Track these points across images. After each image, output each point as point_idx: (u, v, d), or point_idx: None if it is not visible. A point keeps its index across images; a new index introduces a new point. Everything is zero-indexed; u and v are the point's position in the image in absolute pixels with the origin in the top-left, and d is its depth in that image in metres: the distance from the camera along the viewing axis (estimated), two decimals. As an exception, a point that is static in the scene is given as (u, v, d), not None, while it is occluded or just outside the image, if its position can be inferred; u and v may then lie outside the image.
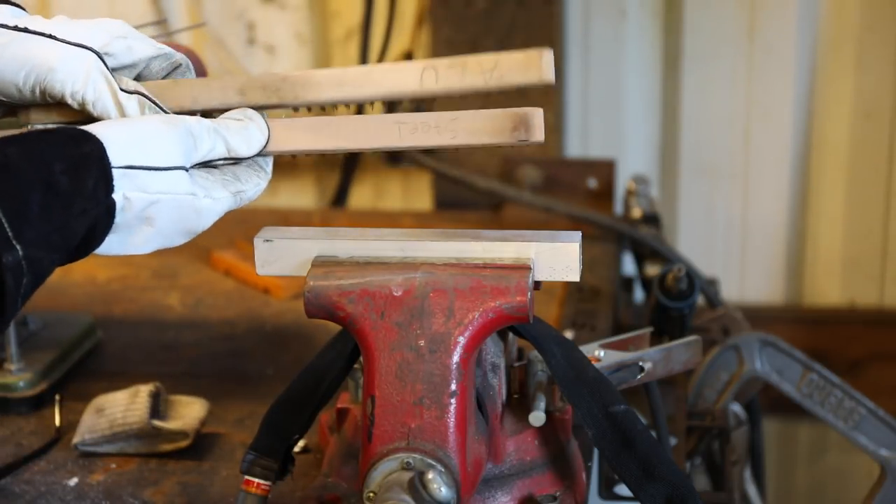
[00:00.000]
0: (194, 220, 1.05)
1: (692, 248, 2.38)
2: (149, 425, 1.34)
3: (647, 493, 1.10)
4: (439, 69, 1.08)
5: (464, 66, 1.08)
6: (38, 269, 0.94)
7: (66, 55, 1.06)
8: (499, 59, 1.07)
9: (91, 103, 1.05)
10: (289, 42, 2.47)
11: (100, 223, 0.99)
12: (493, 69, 1.07)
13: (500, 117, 1.06)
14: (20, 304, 0.93)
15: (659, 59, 2.40)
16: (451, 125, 1.06)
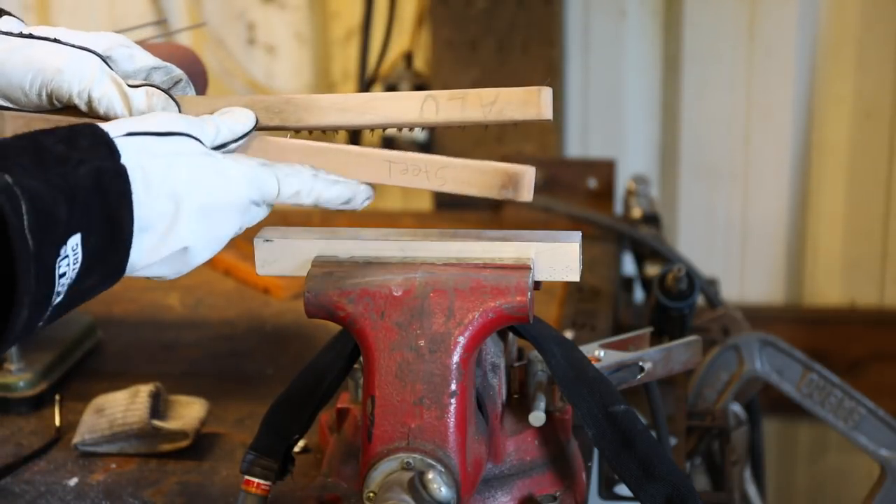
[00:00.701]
0: (222, 189, 1.01)
1: (692, 248, 2.38)
2: (149, 425, 1.34)
3: (647, 493, 1.10)
4: (440, 101, 1.10)
5: (464, 99, 1.10)
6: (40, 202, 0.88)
7: (72, 56, 1.06)
8: (499, 93, 1.10)
9: (97, 100, 1.06)
10: (289, 42, 2.47)
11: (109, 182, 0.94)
12: (492, 103, 1.09)
13: (490, 173, 1.06)
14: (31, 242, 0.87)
15: (659, 59, 2.40)
16: (440, 172, 1.07)
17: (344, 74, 2.48)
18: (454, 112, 1.10)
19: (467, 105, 1.09)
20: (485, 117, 1.09)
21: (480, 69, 2.26)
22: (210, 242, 1.03)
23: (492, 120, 1.09)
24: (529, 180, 1.05)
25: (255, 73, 2.48)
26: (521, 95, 1.08)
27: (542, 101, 1.08)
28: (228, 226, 1.03)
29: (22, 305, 0.88)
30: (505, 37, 2.24)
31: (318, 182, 1.06)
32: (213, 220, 1.01)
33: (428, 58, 2.32)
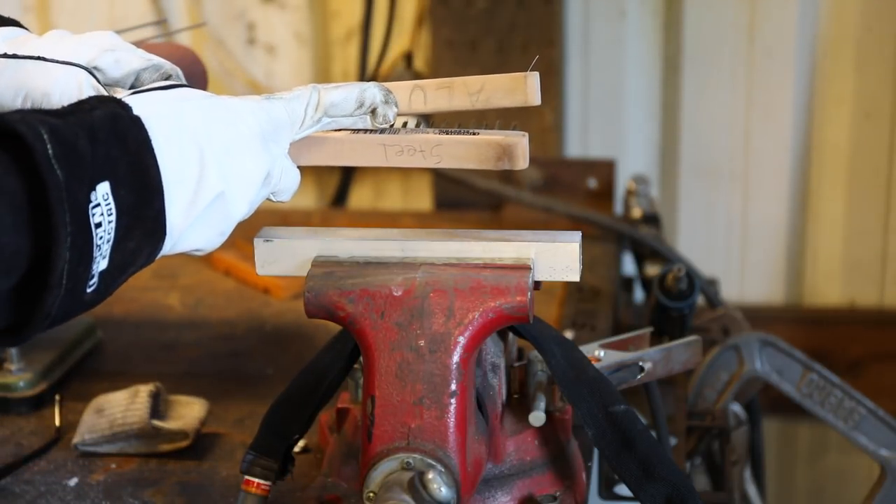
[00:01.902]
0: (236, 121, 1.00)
1: (692, 248, 2.37)
2: (149, 425, 1.34)
3: (647, 493, 1.10)
4: (427, 91, 1.12)
5: (450, 88, 1.12)
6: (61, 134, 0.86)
7: (58, 76, 1.07)
8: (485, 81, 1.10)
9: None
10: (289, 42, 2.47)
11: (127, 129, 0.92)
12: (479, 91, 1.10)
13: (484, 146, 1.06)
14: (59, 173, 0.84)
15: (659, 60, 2.40)
16: (435, 150, 1.07)
17: (344, 74, 2.48)
18: (441, 101, 1.11)
19: (454, 94, 1.11)
20: (472, 105, 1.10)
21: (480, 69, 2.25)
22: (244, 185, 1.01)
23: (480, 107, 1.10)
24: (523, 149, 1.07)
25: (255, 73, 2.48)
26: (508, 82, 1.10)
27: (529, 86, 1.09)
28: (255, 163, 1.01)
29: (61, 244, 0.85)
30: (505, 37, 2.24)
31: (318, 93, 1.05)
32: (239, 157, 1.00)
33: (428, 58, 2.32)
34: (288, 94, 1.05)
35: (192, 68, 1.46)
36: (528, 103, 1.09)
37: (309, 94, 1.05)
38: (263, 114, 1.02)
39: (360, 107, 1.07)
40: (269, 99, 1.04)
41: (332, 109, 1.06)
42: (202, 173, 0.97)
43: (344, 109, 1.06)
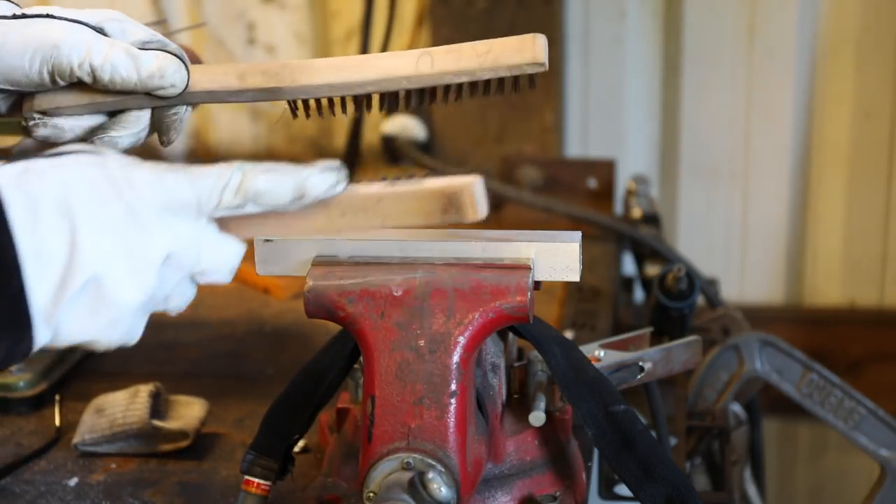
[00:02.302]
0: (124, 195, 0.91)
1: (692, 248, 2.37)
2: (149, 425, 1.34)
3: (647, 493, 1.10)
4: (435, 56, 1.09)
5: (459, 52, 1.09)
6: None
7: (67, 29, 1.05)
8: (493, 43, 1.08)
9: (100, 67, 1.05)
10: (289, 42, 2.47)
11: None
12: (487, 52, 1.07)
13: (428, 198, 0.99)
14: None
15: (659, 60, 2.40)
16: (378, 207, 1.01)
17: (344, 74, 2.48)
18: (449, 64, 1.08)
19: (462, 56, 1.08)
20: (480, 65, 1.07)
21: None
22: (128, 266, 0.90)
23: (487, 67, 1.07)
24: (470, 196, 0.97)
25: (255, 73, 2.48)
26: (516, 43, 1.08)
27: (537, 45, 1.07)
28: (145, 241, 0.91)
29: None
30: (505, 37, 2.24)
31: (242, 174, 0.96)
32: (123, 236, 0.90)
33: (428, 58, 2.31)
34: (204, 169, 0.95)
35: (192, 68, 1.46)
36: (536, 61, 1.07)
37: (229, 175, 0.95)
38: (162, 188, 0.93)
39: (300, 198, 0.98)
40: (174, 171, 0.94)
41: (260, 198, 0.96)
42: (73, 251, 0.88)
43: (276, 198, 0.97)
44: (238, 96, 1.13)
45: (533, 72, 1.08)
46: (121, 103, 1.11)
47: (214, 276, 0.97)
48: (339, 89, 1.11)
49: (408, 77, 1.09)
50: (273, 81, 1.12)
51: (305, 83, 1.11)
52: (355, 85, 1.11)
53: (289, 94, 1.12)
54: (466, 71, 1.08)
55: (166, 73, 1.08)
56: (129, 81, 1.08)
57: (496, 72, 1.08)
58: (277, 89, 1.12)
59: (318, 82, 1.11)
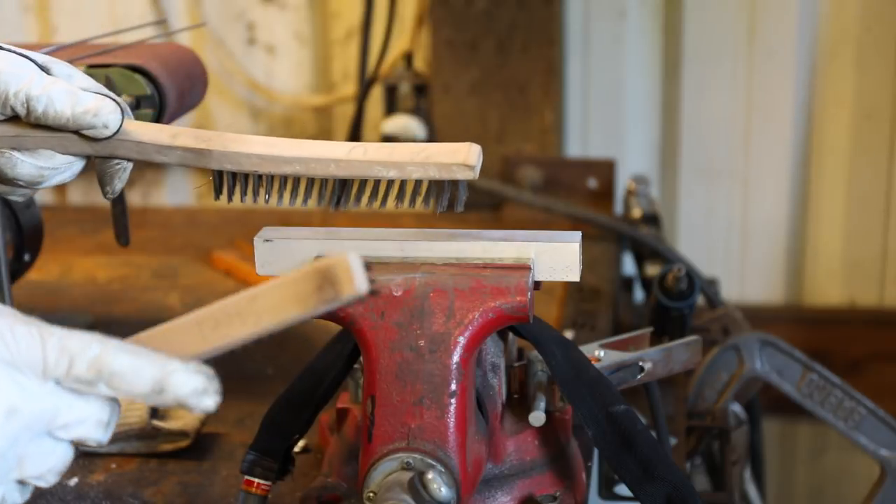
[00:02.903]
0: None
1: (692, 248, 2.38)
2: (149, 425, 1.34)
3: (647, 493, 1.10)
4: (369, 147, 1.08)
5: (393, 147, 1.08)
6: None
7: (11, 60, 1.06)
8: (429, 145, 1.08)
9: (35, 98, 1.06)
10: (289, 42, 2.47)
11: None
12: (420, 151, 1.08)
13: (301, 280, 0.88)
14: None
15: (659, 60, 2.40)
16: (252, 308, 0.92)
17: (344, 74, 2.48)
18: (381, 155, 1.08)
19: (395, 151, 1.08)
20: (411, 160, 1.07)
21: (480, 69, 2.26)
22: None
23: (418, 163, 1.06)
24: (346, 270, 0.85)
25: (255, 73, 2.48)
26: (451, 147, 1.07)
27: (471, 151, 1.07)
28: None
29: None
30: (505, 37, 2.24)
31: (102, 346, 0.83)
32: None
33: (428, 58, 2.32)
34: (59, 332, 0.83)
35: (192, 68, 1.46)
36: (467, 163, 1.05)
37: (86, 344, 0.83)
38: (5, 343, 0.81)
39: (159, 392, 0.84)
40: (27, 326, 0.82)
41: (114, 380, 0.83)
42: None
43: (132, 386, 0.84)
44: (166, 153, 1.11)
45: (462, 176, 1.06)
46: (46, 141, 1.10)
47: (80, 431, 0.84)
48: (268, 163, 1.09)
49: (337, 161, 1.08)
50: (203, 144, 1.10)
51: (235, 150, 1.10)
52: (284, 160, 1.09)
53: (216, 160, 1.10)
54: (396, 163, 1.07)
55: (101, 113, 1.08)
56: (61, 115, 1.07)
57: (425, 169, 1.06)
58: (207, 152, 1.10)
59: (248, 151, 1.09)
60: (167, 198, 2.55)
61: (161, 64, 1.37)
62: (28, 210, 1.56)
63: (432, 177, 1.07)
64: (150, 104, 1.34)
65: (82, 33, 2.04)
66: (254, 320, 0.91)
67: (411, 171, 1.07)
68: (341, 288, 0.86)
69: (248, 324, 0.92)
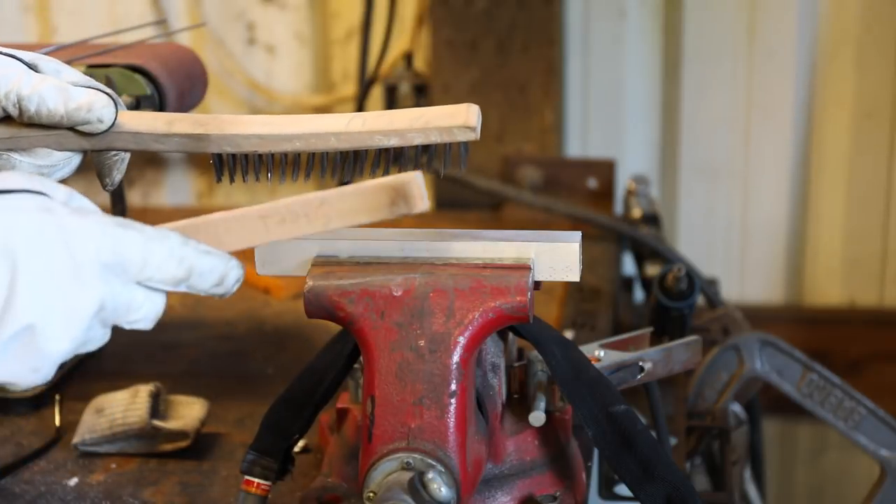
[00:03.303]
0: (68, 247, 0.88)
1: (692, 248, 2.38)
2: (149, 425, 1.34)
3: (647, 493, 1.10)
4: (367, 117, 1.08)
5: (392, 115, 1.08)
6: None
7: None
8: (427, 109, 1.08)
9: (27, 98, 1.05)
10: (289, 42, 2.47)
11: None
12: (420, 116, 1.07)
13: (375, 192, 0.95)
14: None
15: (659, 60, 2.40)
16: (321, 210, 0.97)
17: (344, 74, 2.48)
18: (381, 124, 1.07)
19: (395, 119, 1.07)
20: (411, 126, 1.06)
21: (480, 69, 2.26)
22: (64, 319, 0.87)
23: (418, 129, 1.06)
24: (418, 188, 0.94)
25: (255, 73, 2.48)
26: (450, 109, 1.07)
27: (470, 111, 1.06)
28: (84, 295, 0.88)
29: None
30: (505, 37, 2.24)
31: (189, 249, 0.93)
32: (62, 288, 0.87)
33: (428, 58, 2.32)
34: (154, 230, 0.92)
35: (192, 68, 1.46)
36: (467, 124, 1.05)
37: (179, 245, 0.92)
38: (109, 242, 0.89)
39: (217, 285, 0.95)
40: (125, 227, 0.91)
41: (195, 279, 0.94)
42: (11, 299, 0.85)
43: (205, 284, 0.94)
44: (164, 141, 1.10)
45: (464, 138, 1.06)
46: (41, 140, 1.10)
47: (140, 325, 0.93)
48: (268, 142, 1.09)
49: (337, 134, 1.08)
50: (201, 128, 1.10)
51: (233, 132, 1.09)
52: (283, 138, 1.09)
53: (215, 143, 1.10)
54: (397, 131, 1.06)
55: (94, 107, 1.07)
56: (55, 113, 1.06)
57: (427, 134, 1.06)
58: (205, 136, 1.10)
59: (247, 132, 1.09)
60: (167, 198, 2.55)
61: (161, 64, 1.37)
62: (28, 210, 1.56)
63: (434, 141, 1.06)
64: (150, 104, 1.34)
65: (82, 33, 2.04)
66: (322, 222, 0.97)
67: (412, 137, 1.07)
68: (413, 204, 0.94)
69: (315, 224, 0.98)
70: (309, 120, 1.10)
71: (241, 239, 0.98)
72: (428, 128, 1.06)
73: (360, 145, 1.08)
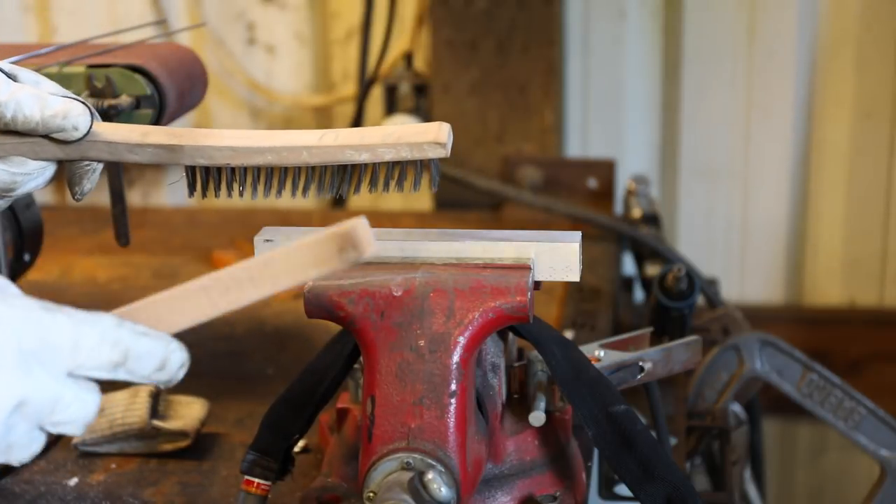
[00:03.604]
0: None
1: (692, 248, 2.38)
2: (149, 425, 1.34)
3: (647, 493, 1.10)
4: (340, 132, 1.09)
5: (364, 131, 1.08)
6: None
7: None
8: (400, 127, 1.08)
9: (4, 104, 1.06)
10: (289, 42, 2.47)
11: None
12: (391, 133, 1.07)
13: (320, 244, 0.90)
14: None
15: (659, 60, 2.40)
16: (266, 272, 0.92)
17: (344, 74, 2.48)
18: (353, 139, 1.08)
19: (366, 135, 1.08)
20: (383, 142, 1.06)
21: (480, 69, 2.26)
22: None
23: (389, 144, 1.06)
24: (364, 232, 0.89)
25: (255, 73, 2.48)
26: (422, 126, 1.08)
27: (441, 129, 1.07)
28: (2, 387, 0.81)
29: None
30: (505, 37, 2.24)
31: (124, 331, 0.86)
32: None
33: (428, 58, 2.32)
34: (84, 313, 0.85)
35: (192, 68, 1.46)
36: (437, 140, 1.06)
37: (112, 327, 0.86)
38: (32, 328, 0.82)
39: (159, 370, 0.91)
40: (51, 312, 0.84)
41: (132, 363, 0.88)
42: None
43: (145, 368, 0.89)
44: (138, 151, 1.11)
45: (434, 155, 1.06)
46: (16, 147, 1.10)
47: (67, 428, 0.86)
48: (240, 154, 1.09)
49: (309, 148, 1.08)
50: (175, 139, 1.10)
51: (207, 144, 1.09)
52: (256, 151, 1.09)
53: (188, 155, 1.10)
54: (368, 146, 1.07)
55: (69, 115, 1.08)
56: (30, 120, 1.07)
57: (397, 150, 1.06)
58: (178, 147, 1.09)
59: (220, 144, 1.09)
60: (167, 198, 2.55)
61: (161, 64, 1.37)
62: (28, 210, 1.56)
63: (404, 157, 1.07)
64: (150, 104, 1.34)
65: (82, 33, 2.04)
66: (270, 284, 0.93)
67: (383, 152, 1.07)
68: (362, 247, 0.89)
69: (262, 288, 0.94)
70: (283, 134, 1.10)
71: (185, 317, 0.94)
72: (399, 143, 1.06)
73: (331, 160, 1.08)
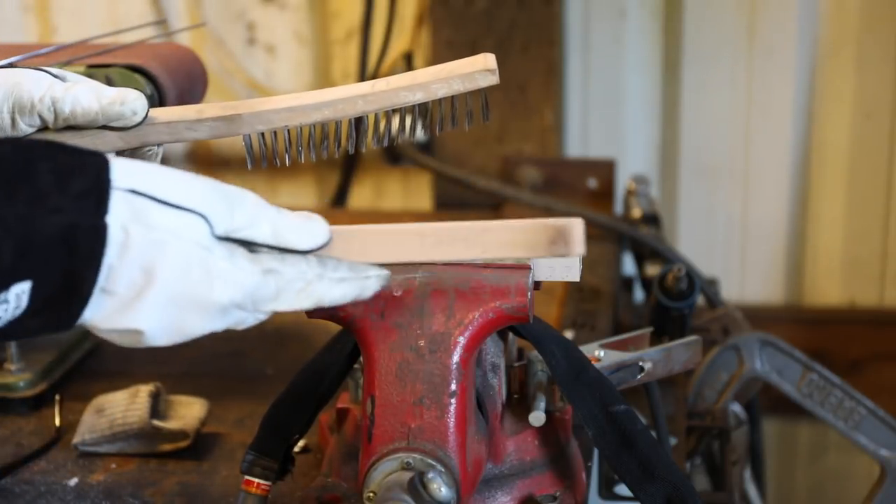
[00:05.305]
0: (204, 287, 0.92)
1: (692, 248, 2.37)
2: (149, 425, 1.34)
3: (647, 493, 1.10)
4: (391, 78, 1.11)
5: (414, 73, 1.12)
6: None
7: (30, 72, 1.08)
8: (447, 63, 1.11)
9: (61, 99, 1.07)
10: (289, 42, 2.47)
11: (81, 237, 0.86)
12: (441, 69, 1.10)
13: (536, 230, 0.97)
14: None
15: (659, 60, 2.40)
16: (481, 238, 0.99)
17: (344, 74, 2.48)
18: (405, 80, 1.11)
19: (417, 75, 1.11)
20: (435, 77, 1.09)
21: (480, 69, 2.25)
22: (170, 335, 0.93)
23: (442, 79, 1.09)
24: (580, 233, 0.96)
25: (255, 73, 2.48)
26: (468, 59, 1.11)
27: (487, 57, 1.10)
28: (197, 326, 0.93)
29: None
30: (505, 37, 2.24)
31: (322, 284, 0.98)
32: (181, 316, 0.92)
33: (428, 58, 2.32)
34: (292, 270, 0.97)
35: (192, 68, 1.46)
36: (487, 67, 1.10)
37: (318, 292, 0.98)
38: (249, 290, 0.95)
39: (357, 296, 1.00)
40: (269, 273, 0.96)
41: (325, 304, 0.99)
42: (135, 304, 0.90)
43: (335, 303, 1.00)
44: (197, 128, 1.12)
45: (485, 82, 1.10)
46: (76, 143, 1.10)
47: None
48: (298, 114, 1.11)
49: (364, 96, 1.10)
50: (231, 111, 1.12)
51: (264, 109, 1.12)
52: (313, 108, 1.11)
53: (248, 123, 1.12)
54: (421, 85, 1.09)
55: (127, 100, 1.09)
56: (89, 111, 1.08)
57: (450, 84, 1.09)
58: (236, 117, 1.12)
59: (278, 107, 1.12)
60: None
61: (161, 64, 1.37)
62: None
63: (457, 90, 1.10)
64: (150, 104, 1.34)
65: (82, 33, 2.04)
66: (479, 249, 0.98)
67: (436, 89, 1.10)
68: (573, 246, 0.95)
69: (471, 250, 0.98)
70: (334, 89, 1.12)
71: (392, 253, 1.00)
72: (451, 77, 1.09)
73: (388, 104, 1.11)
